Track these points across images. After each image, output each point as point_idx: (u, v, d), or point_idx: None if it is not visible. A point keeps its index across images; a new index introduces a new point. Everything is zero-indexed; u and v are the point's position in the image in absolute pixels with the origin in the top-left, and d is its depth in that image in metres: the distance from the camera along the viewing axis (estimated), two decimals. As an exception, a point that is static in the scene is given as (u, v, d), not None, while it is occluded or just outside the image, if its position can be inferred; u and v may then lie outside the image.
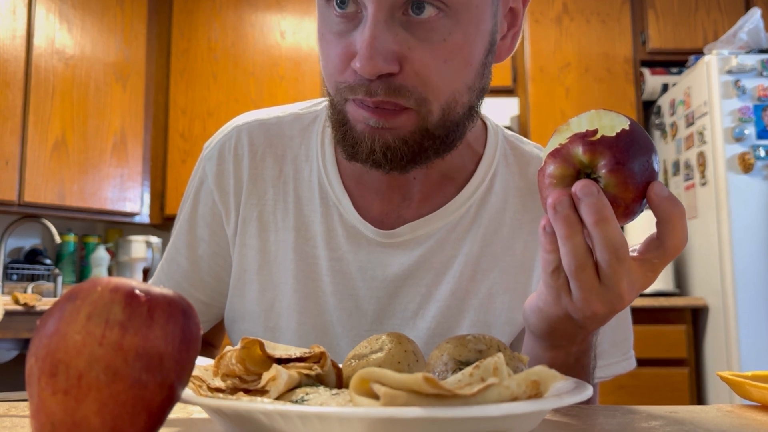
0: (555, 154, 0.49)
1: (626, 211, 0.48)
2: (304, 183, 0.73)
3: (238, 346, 0.47)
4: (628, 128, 0.48)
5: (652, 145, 0.49)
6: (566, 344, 0.56)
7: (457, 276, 0.70)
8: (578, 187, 0.47)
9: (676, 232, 0.48)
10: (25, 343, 2.27)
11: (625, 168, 0.47)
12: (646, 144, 0.48)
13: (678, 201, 0.48)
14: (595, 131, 0.48)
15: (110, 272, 3.06)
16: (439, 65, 0.59)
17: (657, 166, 0.49)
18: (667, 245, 0.49)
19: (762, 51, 2.55)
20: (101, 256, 3.00)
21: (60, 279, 2.73)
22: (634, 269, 0.49)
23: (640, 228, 2.55)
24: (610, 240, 0.47)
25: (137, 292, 0.34)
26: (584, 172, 0.49)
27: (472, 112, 0.65)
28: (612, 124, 0.48)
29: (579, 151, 0.48)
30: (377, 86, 0.58)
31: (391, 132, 0.60)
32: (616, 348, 0.74)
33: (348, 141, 0.63)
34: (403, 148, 0.61)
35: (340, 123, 0.63)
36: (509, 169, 0.75)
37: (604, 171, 0.47)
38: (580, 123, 0.49)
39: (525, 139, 0.80)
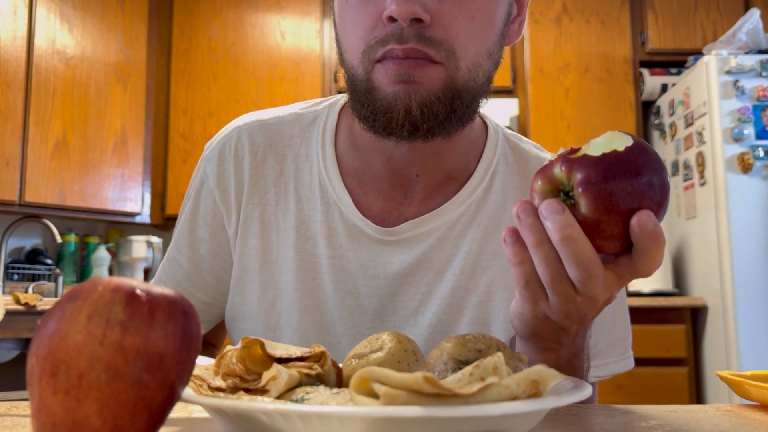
0: (543, 170, 0.49)
1: (604, 234, 0.46)
2: (305, 182, 0.73)
3: (238, 346, 0.47)
4: (622, 150, 0.46)
5: (649, 169, 0.45)
6: (555, 346, 0.56)
7: (458, 273, 0.70)
8: (543, 206, 0.47)
9: (650, 261, 0.48)
10: (25, 343, 2.27)
11: (597, 188, 0.45)
12: (638, 167, 0.45)
13: (660, 235, 0.46)
14: (578, 149, 0.47)
15: (111, 272, 3.06)
16: (467, 20, 0.62)
17: (654, 192, 0.45)
18: (638, 268, 0.48)
19: (761, 51, 2.55)
20: (102, 256, 3.00)
21: (61, 279, 2.73)
22: (609, 278, 0.49)
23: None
24: (578, 258, 0.46)
25: (138, 292, 0.34)
26: (563, 190, 0.48)
27: (487, 85, 0.67)
28: (612, 146, 0.46)
29: (559, 169, 0.47)
30: (408, 33, 0.60)
31: (424, 87, 0.61)
32: (614, 347, 0.74)
33: (380, 110, 0.62)
34: (437, 105, 0.62)
35: (367, 94, 0.63)
36: (509, 167, 0.75)
37: (579, 190, 0.46)
38: (597, 144, 0.47)
39: (524, 138, 0.81)
